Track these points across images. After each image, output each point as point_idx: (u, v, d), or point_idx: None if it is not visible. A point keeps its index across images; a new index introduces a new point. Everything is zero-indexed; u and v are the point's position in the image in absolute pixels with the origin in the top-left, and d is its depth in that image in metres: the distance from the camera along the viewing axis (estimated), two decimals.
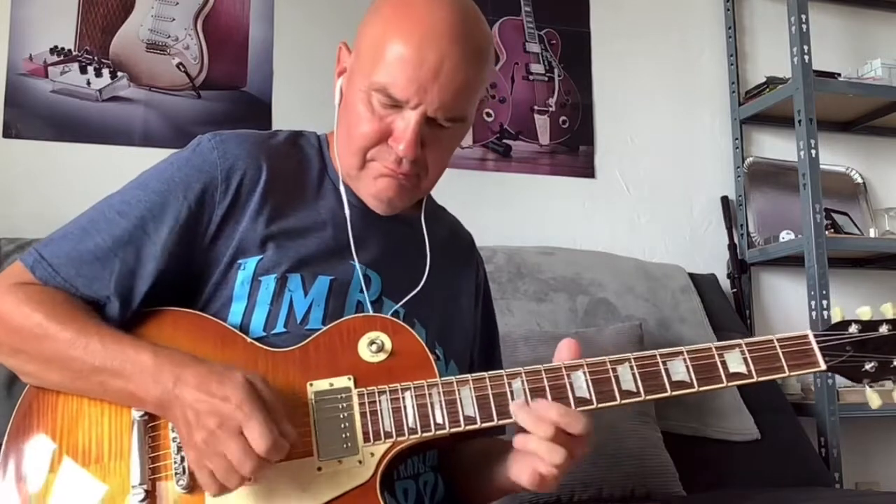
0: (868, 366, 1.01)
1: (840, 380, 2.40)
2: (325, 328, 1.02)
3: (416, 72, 1.00)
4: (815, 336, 1.01)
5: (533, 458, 0.95)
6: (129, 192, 1.06)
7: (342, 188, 1.12)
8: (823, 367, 1.00)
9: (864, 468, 2.67)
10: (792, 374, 1.00)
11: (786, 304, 2.74)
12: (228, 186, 1.05)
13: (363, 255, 1.10)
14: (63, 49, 2.21)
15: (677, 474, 1.89)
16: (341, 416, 0.96)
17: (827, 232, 2.42)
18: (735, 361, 0.99)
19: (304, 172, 1.13)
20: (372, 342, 1.01)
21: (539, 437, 0.93)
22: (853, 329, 1.02)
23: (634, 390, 0.98)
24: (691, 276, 2.46)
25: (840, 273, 2.70)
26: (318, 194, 1.12)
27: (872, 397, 1.03)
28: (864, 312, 1.03)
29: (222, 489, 0.89)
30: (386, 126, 1.04)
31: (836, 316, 1.04)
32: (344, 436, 0.96)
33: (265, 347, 1.01)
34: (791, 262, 2.61)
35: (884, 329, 1.01)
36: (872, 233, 2.77)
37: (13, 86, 2.16)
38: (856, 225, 2.71)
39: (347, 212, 1.10)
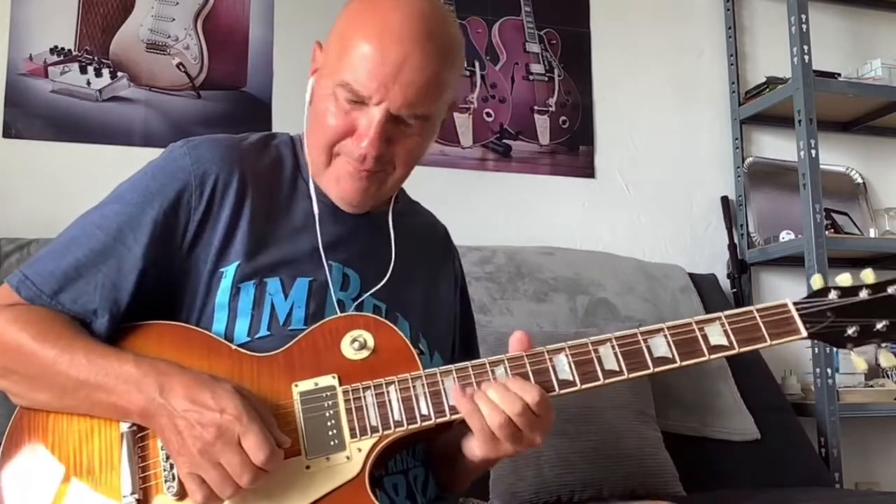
0: (850, 330, 1.00)
1: (840, 379, 2.40)
2: (307, 330, 1.03)
3: (378, 68, 1.01)
4: (795, 304, 1.01)
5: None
6: (106, 206, 1.07)
7: (312, 188, 1.12)
8: (804, 333, 1.00)
9: (864, 468, 2.67)
10: (773, 342, 1.00)
11: None
12: (203, 192, 1.06)
13: (340, 254, 1.11)
14: (63, 49, 2.21)
15: (677, 474, 1.89)
16: (327, 414, 0.97)
17: (827, 232, 2.42)
18: (716, 334, 1.00)
19: (278, 174, 1.13)
20: (354, 340, 1.02)
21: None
22: (833, 295, 1.01)
23: (617, 369, 0.99)
24: (691, 276, 2.46)
25: (840, 273, 2.69)
26: (292, 196, 1.13)
27: (858, 361, 1.02)
28: (844, 279, 1.02)
29: (211, 498, 0.90)
30: (351, 122, 1.04)
31: (816, 283, 1.03)
32: (331, 433, 0.97)
33: (249, 353, 1.02)
34: (791, 262, 2.61)
35: (864, 294, 1.01)
36: (872, 233, 2.77)
37: (13, 86, 2.16)
38: (856, 225, 2.71)
39: (317, 210, 1.11)
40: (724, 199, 2.74)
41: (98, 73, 2.23)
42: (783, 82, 2.59)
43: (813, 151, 2.43)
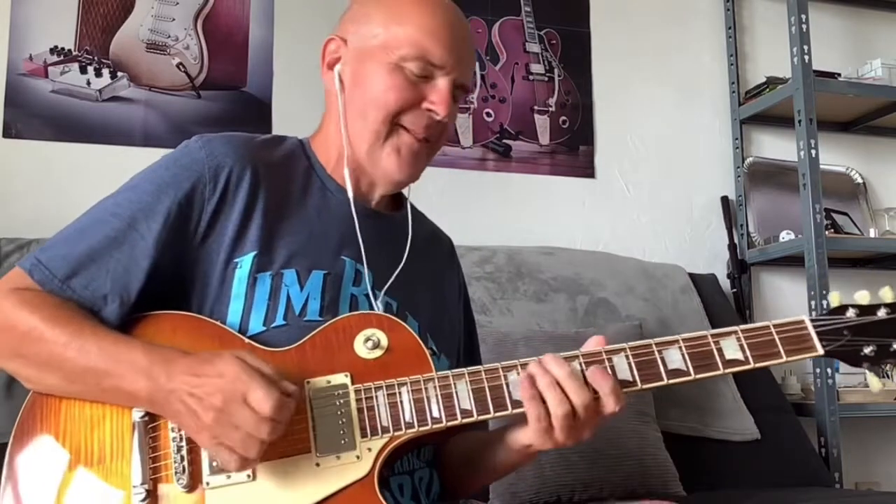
0: (867, 350, 1.00)
1: (840, 379, 2.40)
2: (321, 327, 1.04)
3: (451, 41, 1.10)
4: (812, 321, 1.01)
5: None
6: (121, 194, 1.08)
7: (348, 180, 1.14)
8: (821, 351, 0.99)
9: (864, 468, 2.67)
10: (789, 359, 0.99)
11: (786, 304, 2.74)
12: (217, 183, 1.07)
13: (353, 250, 1.12)
14: (63, 49, 2.21)
15: (677, 474, 1.89)
16: (339, 413, 0.98)
17: (827, 232, 2.42)
18: (731, 348, 0.99)
19: (290, 168, 1.15)
20: (368, 339, 1.02)
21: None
22: (850, 314, 1.01)
23: (630, 379, 0.99)
24: (691, 276, 2.46)
25: (840, 273, 2.70)
26: (305, 190, 1.14)
27: (873, 381, 1.02)
28: (863, 297, 1.02)
29: (243, 462, 0.90)
30: (419, 93, 1.10)
31: (834, 301, 1.03)
32: (341, 431, 0.97)
33: (262, 347, 1.02)
34: (791, 262, 2.61)
35: (882, 313, 1.00)
36: (872, 233, 2.77)
37: (13, 86, 2.16)
38: (856, 225, 2.71)
39: (353, 206, 1.12)
40: (724, 199, 2.74)
41: (98, 73, 2.23)
42: (783, 82, 2.59)
43: (813, 151, 2.43)
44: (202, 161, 1.08)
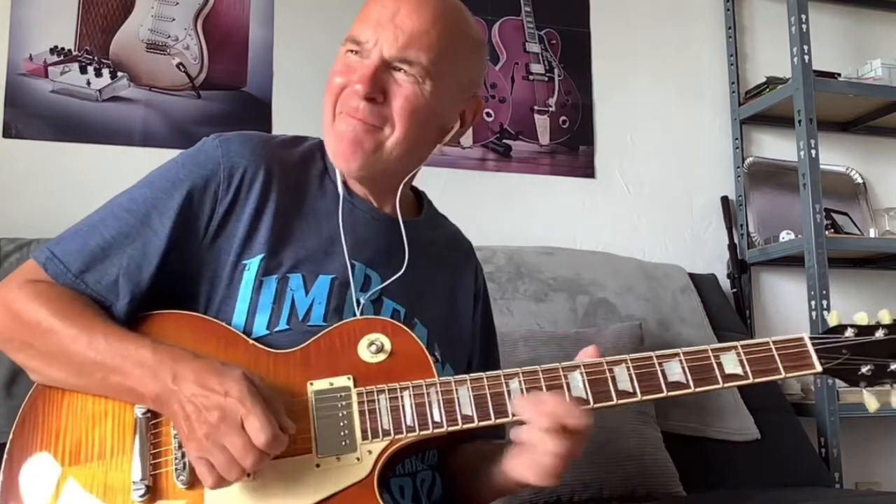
0: (864, 369, 1.02)
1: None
2: (325, 330, 1.04)
3: (375, 16, 1.08)
4: (811, 339, 1.02)
5: (529, 450, 0.96)
6: (136, 190, 1.09)
7: (340, 185, 1.14)
8: (819, 368, 1.01)
9: (864, 468, 2.67)
10: (788, 375, 1.01)
11: (786, 304, 2.74)
12: (230, 183, 1.08)
13: (362, 255, 1.12)
14: (63, 49, 2.21)
15: (677, 474, 1.89)
16: (340, 415, 0.98)
17: (827, 232, 2.42)
18: (731, 363, 1.01)
19: (305, 172, 1.15)
20: (371, 343, 1.02)
21: (535, 428, 0.95)
22: (849, 333, 1.03)
23: (631, 390, 0.99)
24: (691, 276, 2.46)
25: (840, 273, 2.70)
26: (318, 194, 1.14)
27: (870, 400, 1.04)
28: (861, 318, 1.04)
29: (220, 481, 0.90)
30: (350, 74, 1.09)
31: (833, 320, 1.05)
32: (342, 433, 0.97)
33: (266, 349, 1.03)
34: (791, 262, 2.61)
35: (880, 334, 1.02)
36: (872, 233, 2.77)
37: (13, 86, 2.16)
38: (856, 225, 2.72)
39: (341, 209, 1.12)
40: (724, 199, 2.74)
41: (98, 73, 2.23)
42: (783, 82, 2.59)
43: (813, 151, 2.43)
44: (218, 160, 1.08)
